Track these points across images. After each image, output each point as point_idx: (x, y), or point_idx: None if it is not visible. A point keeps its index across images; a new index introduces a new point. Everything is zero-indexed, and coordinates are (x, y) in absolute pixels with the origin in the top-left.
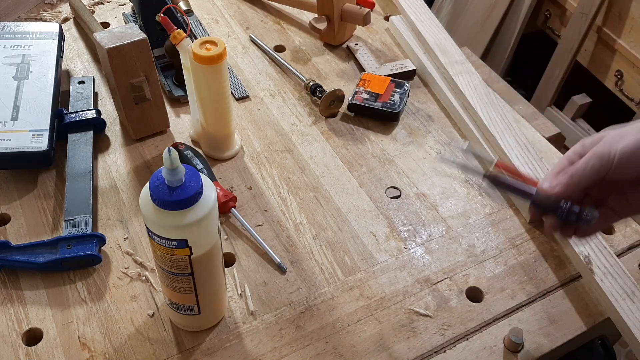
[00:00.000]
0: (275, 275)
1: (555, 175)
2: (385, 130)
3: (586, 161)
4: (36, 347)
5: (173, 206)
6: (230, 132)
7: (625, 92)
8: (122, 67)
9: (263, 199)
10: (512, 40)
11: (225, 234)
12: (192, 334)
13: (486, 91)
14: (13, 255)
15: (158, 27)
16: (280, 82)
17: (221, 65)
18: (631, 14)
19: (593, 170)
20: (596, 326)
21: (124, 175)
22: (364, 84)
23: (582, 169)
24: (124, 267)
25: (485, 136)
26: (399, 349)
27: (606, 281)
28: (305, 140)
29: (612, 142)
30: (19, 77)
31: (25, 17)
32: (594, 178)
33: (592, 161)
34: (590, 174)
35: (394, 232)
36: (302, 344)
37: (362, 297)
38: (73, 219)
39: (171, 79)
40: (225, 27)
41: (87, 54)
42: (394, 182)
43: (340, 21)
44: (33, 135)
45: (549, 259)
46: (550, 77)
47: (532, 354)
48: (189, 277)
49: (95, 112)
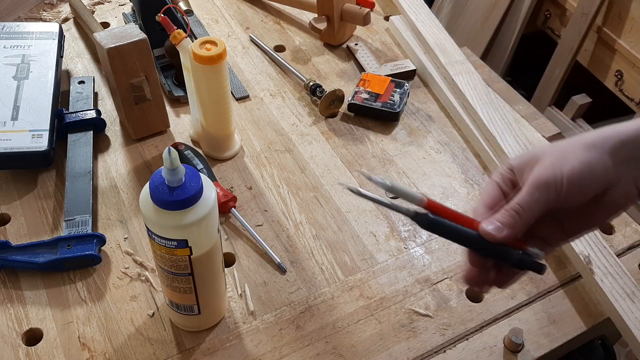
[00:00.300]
0: (275, 275)
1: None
2: (385, 130)
3: (530, 194)
4: (36, 347)
5: (173, 206)
6: (230, 132)
7: (625, 92)
8: (122, 67)
9: (263, 199)
10: (512, 40)
11: (225, 234)
12: (192, 334)
13: (486, 91)
14: (13, 255)
15: (158, 27)
16: (280, 82)
17: (221, 65)
18: (631, 14)
19: (540, 204)
20: (596, 326)
21: (124, 175)
22: (364, 84)
23: (527, 205)
24: (124, 267)
25: (485, 136)
26: (399, 349)
27: (606, 281)
28: (305, 140)
29: (555, 167)
30: (19, 77)
31: (25, 17)
32: (541, 212)
33: (538, 193)
34: (537, 210)
35: (394, 232)
36: (302, 344)
37: (362, 297)
38: (73, 219)
39: (171, 79)
40: (225, 27)
41: (87, 54)
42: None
43: (340, 21)
44: (33, 135)
45: (549, 259)
46: (550, 77)
47: (532, 354)
48: (189, 277)
49: (95, 112)
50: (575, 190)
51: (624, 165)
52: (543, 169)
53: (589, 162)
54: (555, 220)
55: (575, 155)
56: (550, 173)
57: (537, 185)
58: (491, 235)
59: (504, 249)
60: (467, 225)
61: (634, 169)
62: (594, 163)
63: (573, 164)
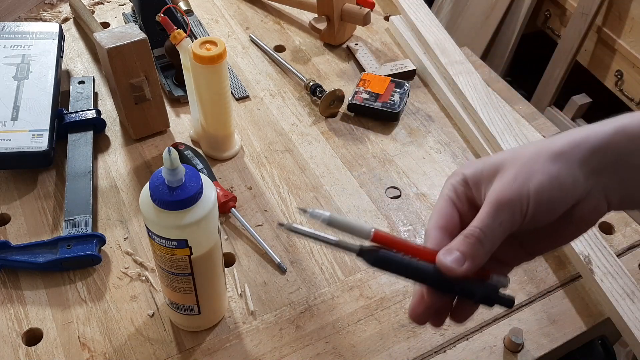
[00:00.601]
0: (275, 275)
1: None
2: (385, 130)
3: (492, 216)
4: (36, 347)
5: (173, 206)
6: (230, 132)
7: (625, 92)
8: (122, 67)
9: (263, 199)
10: (512, 40)
11: (225, 234)
12: (192, 334)
13: (486, 91)
14: (13, 255)
15: (158, 27)
16: (280, 82)
17: (221, 65)
18: (631, 14)
19: (504, 227)
20: (596, 326)
21: (124, 175)
22: (364, 84)
23: (489, 229)
24: (124, 267)
25: (485, 136)
26: (399, 349)
27: (606, 281)
28: (305, 140)
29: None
30: (19, 77)
31: (25, 17)
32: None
33: (501, 215)
34: (501, 234)
35: (394, 232)
36: (302, 344)
37: (362, 297)
38: (73, 219)
39: (171, 79)
40: (225, 27)
41: (87, 54)
42: (394, 182)
43: (340, 21)
44: (33, 135)
45: (549, 259)
46: (550, 77)
47: (532, 354)
48: (189, 277)
49: (95, 112)
50: (543, 210)
51: (594, 176)
52: (505, 185)
53: (558, 177)
54: (513, 240)
55: (541, 168)
56: (514, 190)
57: (499, 205)
58: (451, 269)
59: (466, 283)
60: (422, 257)
61: (604, 180)
62: (562, 177)
63: (540, 179)
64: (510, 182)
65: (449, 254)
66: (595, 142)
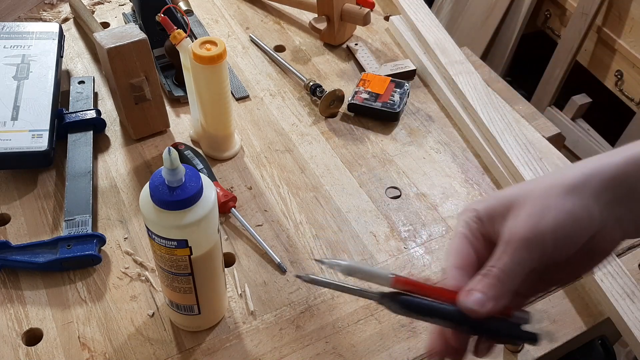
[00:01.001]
0: (275, 275)
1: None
2: (385, 130)
3: (511, 256)
4: (36, 347)
5: (173, 206)
6: (230, 132)
7: (625, 92)
8: (122, 67)
9: (263, 199)
10: (512, 40)
11: (225, 234)
12: (192, 334)
13: (486, 91)
14: (13, 255)
15: (158, 27)
16: (280, 82)
17: (221, 65)
18: (631, 14)
19: (523, 267)
20: (596, 326)
21: (124, 175)
22: (364, 84)
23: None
24: (124, 267)
25: (485, 136)
26: (399, 349)
27: (606, 281)
28: (305, 140)
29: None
30: (19, 77)
31: (25, 17)
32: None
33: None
34: (522, 273)
35: (394, 232)
36: (302, 344)
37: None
38: (73, 219)
39: (171, 79)
40: (225, 27)
41: (87, 54)
42: (394, 182)
43: (340, 21)
44: (33, 135)
45: None
46: (550, 77)
47: (532, 354)
48: (189, 277)
49: (95, 112)
50: (560, 245)
51: (608, 208)
52: (522, 223)
53: (573, 212)
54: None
55: (555, 204)
56: (532, 228)
57: (517, 244)
58: (474, 311)
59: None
60: (443, 298)
61: (619, 211)
62: (577, 212)
63: (556, 216)
64: (526, 219)
65: (470, 295)
66: (608, 173)
